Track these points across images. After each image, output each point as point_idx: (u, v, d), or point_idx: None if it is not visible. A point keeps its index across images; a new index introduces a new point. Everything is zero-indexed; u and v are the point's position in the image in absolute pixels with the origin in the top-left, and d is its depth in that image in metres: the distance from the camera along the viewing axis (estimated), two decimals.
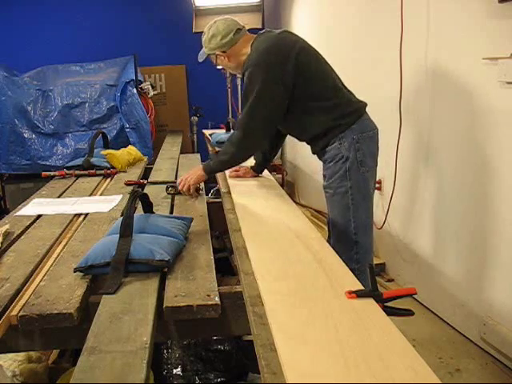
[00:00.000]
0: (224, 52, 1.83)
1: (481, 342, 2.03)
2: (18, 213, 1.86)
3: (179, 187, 1.89)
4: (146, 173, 2.68)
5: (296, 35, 1.82)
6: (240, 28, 1.83)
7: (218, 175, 2.34)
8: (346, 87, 1.82)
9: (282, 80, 1.65)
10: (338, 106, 1.72)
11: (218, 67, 2.09)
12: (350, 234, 1.73)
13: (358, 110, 1.76)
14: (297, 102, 1.71)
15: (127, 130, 3.44)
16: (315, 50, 1.80)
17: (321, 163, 1.85)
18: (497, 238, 1.93)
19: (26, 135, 3.35)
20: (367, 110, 1.81)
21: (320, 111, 1.72)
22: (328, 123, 1.72)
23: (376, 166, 1.81)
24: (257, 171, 2.13)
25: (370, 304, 0.95)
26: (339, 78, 1.82)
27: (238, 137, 1.76)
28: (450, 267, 2.23)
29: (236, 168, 2.08)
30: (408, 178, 2.49)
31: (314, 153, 1.87)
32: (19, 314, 1.03)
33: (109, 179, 2.48)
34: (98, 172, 2.55)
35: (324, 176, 1.82)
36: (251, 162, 2.09)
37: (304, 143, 1.92)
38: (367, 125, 1.76)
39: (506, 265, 1.89)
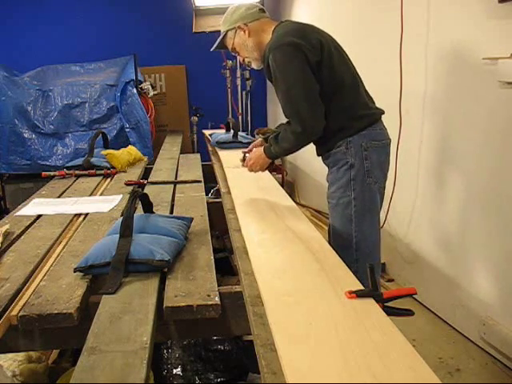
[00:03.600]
0: (246, 25, 1.72)
1: (481, 342, 2.03)
2: (18, 213, 1.86)
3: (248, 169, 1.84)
4: (146, 173, 2.68)
5: (320, 29, 1.72)
6: (263, 9, 1.79)
7: (218, 175, 2.35)
8: (365, 90, 1.72)
9: (307, 58, 1.53)
10: (351, 106, 1.62)
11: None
12: (351, 250, 1.60)
13: (371, 115, 1.65)
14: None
15: (127, 130, 3.44)
16: (339, 46, 1.72)
17: (322, 164, 1.82)
18: (497, 237, 1.93)
19: (26, 135, 3.35)
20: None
21: (333, 109, 1.61)
22: (339, 123, 1.61)
23: (385, 179, 1.69)
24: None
25: (370, 304, 0.95)
26: (360, 80, 1.72)
27: (292, 125, 1.60)
28: (450, 267, 2.23)
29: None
30: (408, 178, 2.49)
31: (318, 155, 1.76)
32: (19, 314, 1.03)
33: (109, 179, 2.48)
34: (98, 172, 2.55)
35: (327, 182, 1.73)
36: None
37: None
38: (379, 133, 1.66)
39: (506, 265, 1.89)
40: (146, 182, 2.30)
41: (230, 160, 2.47)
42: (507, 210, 1.85)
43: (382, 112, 1.72)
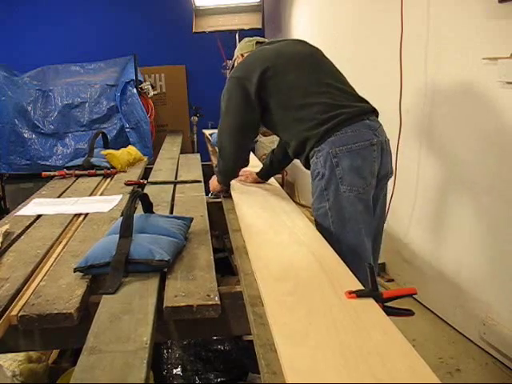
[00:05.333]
0: (242, 56, 1.90)
1: (481, 342, 2.03)
2: (18, 213, 1.86)
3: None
4: (146, 173, 2.68)
5: (291, 46, 1.75)
6: (264, 41, 1.91)
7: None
8: (343, 90, 1.64)
9: (245, 93, 1.64)
10: (312, 115, 1.57)
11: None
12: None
13: (337, 116, 1.54)
14: (274, 114, 1.66)
15: (127, 129, 3.44)
16: (308, 55, 1.71)
17: None
18: (497, 237, 1.93)
19: (25, 135, 3.35)
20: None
21: (294, 122, 1.61)
22: (301, 134, 1.59)
23: (367, 184, 1.54)
24: (262, 178, 2.05)
25: (370, 304, 0.95)
26: (334, 81, 1.65)
27: (218, 149, 1.85)
28: (450, 267, 2.23)
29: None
30: (408, 178, 2.49)
31: (305, 168, 1.73)
32: (19, 314, 1.03)
33: (109, 179, 2.48)
34: (98, 172, 2.55)
35: None
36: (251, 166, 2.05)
37: None
38: (351, 137, 1.52)
39: (506, 264, 1.89)
40: (145, 182, 2.30)
41: None
42: (506, 204, 1.86)
43: (359, 111, 1.58)
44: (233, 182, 2.00)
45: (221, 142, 1.79)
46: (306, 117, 1.58)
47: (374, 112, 1.66)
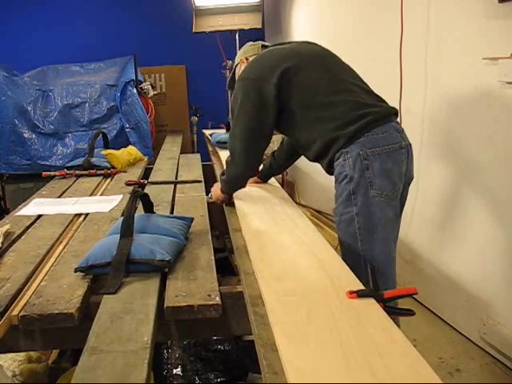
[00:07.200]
0: (246, 59, 1.82)
1: (481, 342, 2.04)
2: (19, 213, 1.86)
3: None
4: (147, 173, 2.68)
5: (304, 46, 1.69)
6: (269, 46, 1.84)
7: (219, 175, 2.34)
8: (366, 90, 1.60)
9: (262, 95, 1.54)
10: (338, 114, 1.49)
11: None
12: (360, 271, 1.32)
13: (365, 116, 1.47)
14: (295, 114, 1.56)
15: (127, 129, 3.44)
16: (323, 54, 1.66)
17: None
18: (497, 237, 1.93)
19: (26, 135, 3.35)
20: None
21: (318, 121, 1.51)
22: (328, 134, 1.49)
23: (396, 188, 1.46)
24: (261, 178, 2.04)
25: (371, 304, 0.95)
26: (355, 81, 1.60)
27: (229, 160, 1.72)
28: (451, 267, 2.23)
29: None
30: None
31: (327, 173, 1.63)
32: (20, 314, 1.03)
33: (109, 179, 2.48)
34: (99, 172, 2.56)
35: None
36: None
37: None
38: (382, 138, 1.46)
39: (506, 264, 1.89)
40: (146, 182, 2.30)
41: None
42: (506, 203, 1.86)
43: (387, 112, 1.54)
44: None
45: (232, 146, 1.65)
46: (331, 116, 1.49)
47: (396, 114, 1.60)
